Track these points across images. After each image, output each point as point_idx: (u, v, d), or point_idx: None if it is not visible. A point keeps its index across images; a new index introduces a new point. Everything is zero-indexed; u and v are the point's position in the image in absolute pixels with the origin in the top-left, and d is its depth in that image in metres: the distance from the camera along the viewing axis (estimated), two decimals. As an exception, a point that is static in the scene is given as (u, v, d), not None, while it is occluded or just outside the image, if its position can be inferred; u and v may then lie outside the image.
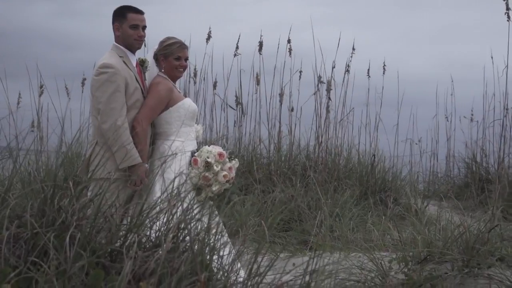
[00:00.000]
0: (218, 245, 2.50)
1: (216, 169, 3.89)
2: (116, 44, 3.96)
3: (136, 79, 3.91)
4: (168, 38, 4.10)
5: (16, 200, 2.52)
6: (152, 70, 4.09)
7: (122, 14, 3.94)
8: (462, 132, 8.41)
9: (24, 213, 2.42)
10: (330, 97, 7.76)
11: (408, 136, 8.37)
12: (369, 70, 8.11)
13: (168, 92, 3.99)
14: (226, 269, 2.45)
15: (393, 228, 5.06)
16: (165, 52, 4.05)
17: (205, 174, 3.87)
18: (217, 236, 2.52)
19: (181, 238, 2.49)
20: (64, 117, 7.40)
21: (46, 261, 2.26)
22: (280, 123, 7.79)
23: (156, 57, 4.09)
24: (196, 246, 2.40)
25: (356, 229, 5.81)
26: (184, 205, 2.60)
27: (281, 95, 7.80)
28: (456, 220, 4.90)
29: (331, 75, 7.77)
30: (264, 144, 7.74)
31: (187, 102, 4.08)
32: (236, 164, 4.03)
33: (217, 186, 3.90)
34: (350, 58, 7.92)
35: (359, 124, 8.05)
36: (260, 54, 7.82)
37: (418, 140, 8.51)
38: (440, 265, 3.87)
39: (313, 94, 7.77)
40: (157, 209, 2.61)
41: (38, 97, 7.60)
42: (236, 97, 7.91)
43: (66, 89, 7.80)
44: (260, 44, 7.80)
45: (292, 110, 7.86)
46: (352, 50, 7.91)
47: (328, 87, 7.74)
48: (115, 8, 3.99)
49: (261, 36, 7.79)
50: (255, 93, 7.89)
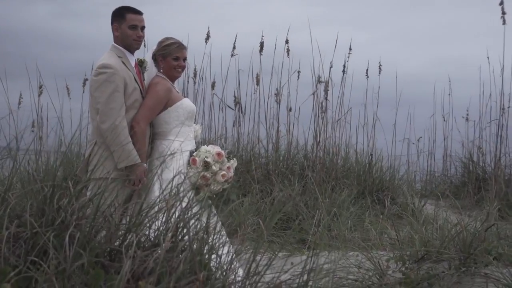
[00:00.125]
0: (217, 245, 2.51)
1: (215, 169, 3.90)
2: (115, 45, 3.97)
3: (135, 79, 3.92)
4: (167, 39, 4.11)
5: (16, 200, 2.53)
6: (151, 70, 4.10)
7: (121, 15, 3.95)
8: (458, 132, 8.44)
9: (24, 213, 2.43)
10: (328, 97, 7.78)
11: (406, 136, 8.40)
12: (367, 71, 8.13)
13: (167, 92, 4.00)
14: (225, 268, 2.46)
15: (391, 227, 5.07)
16: (164, 53, 4.06)
17: (204, 174, 3.88)
18: (216, 236, 2.53)
19: (180, 238, 2.50)
20: (61, 117, 7.41)
21: (46, 261, 2.27)
22: (278, 123, 7.80)
23: (155, 58, 4.10)
24: (195, 246, 2.41)
25: (354, 228, 5.82)
26: (183, 205, 2.61)
27: (277, 95, 7.81)
28: (453, 219, 4.92)
29: (329, 75, 7.79)
30: (263, 144, 7.75)
31: (186, 102, 4.10)
32: (235, 164, 4.04)
33: (216, 186, 3.91)
34: (347, 59, 7.94)
35: (357, 124, 8.07)
36: (261, 55, 7.83)
37: (417, 140, 8.53)
38: (437, 264, 3.89)
39: (312, 94, 7.78)
40: (156, 209, 2.62)
41: (38, 97, 7.60)
42: (235, 97, 7.92)
43: (67, 89, 7.79)
44: (261, 45, 7.80)
45: (290, 110, 7.87)
46: (349, 51, 7.93)
47: (326, 88, 7.75)
48: (114, 9, 3.99)
49: (262, 37, 7.80)
50: (254, 93, 7.91)
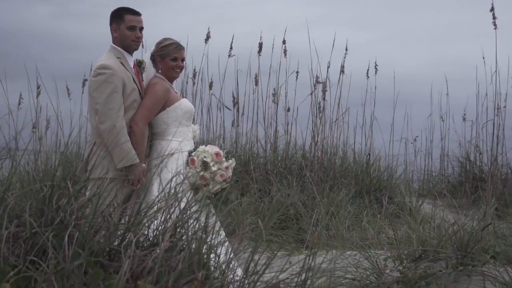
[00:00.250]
0: (216, 244, 2.52)
1: (214, 169, 3.91)
2: (114, 45, 3.98)
3: (134, 80, 3.93)
4: (165, 39, 4.12)
5: (15, 200, 2.53)
6: (149, 71, 4.11)
7: (120, 16, 3.96)
8: (455, 132, 8.46)
9: (23, 213, 2.43)
10: (325, 98, 7.79)
11: (403, 136, 8.42)
12: (368, 71, 8.14)
13: (165, 93, 4.01)
14: (223, 268, 2.47)
15: (388, 227, 5.09)
16: (162, 53, 4.07)
17: (203, 174, 3.89)
18: (215, 235, 2.54)
19: (179, 237, 2.51)
20: (61, 116, 7.42)
21: (45, 260, 2.28)
22: (277, 123, 7.81)
23: (153, 58, 4.11)
24: (194, 245, 2.42)
25: (352, 228, 5.83)
26: (182, 205, 2.62)
27: (275, 95, 7.83)
28: (450, 218, 4.92)
29: (327, 76, 7.80)
30: (261, 144, 7.76)
31: (184, 103, 4.11)
32: (233, 164, 4.05)
33: (214, 186, 3.92)
34: (344, 59, 7.96)
35: (355, 124, 8.09)
36: (260, 55, 7.85)
37: (414, 139, 8.55)
38: (435, 263, 3.90)
39: (310, 95, 7.80)
40: (155, 208, 2.63)
41: (36, 98, 7.61)
42: (234, 98, 7.93)
43: (68, 90, 7.80)
44: (260, 45, 7.82)
45: (289, 110, 7.89)
46: (345, 51, 7.94)
47: (324, 88, 7.77)
48: (113, 10, 4.01)
49: (261, 38, 7.82)
50: (253, 94, 7.92)
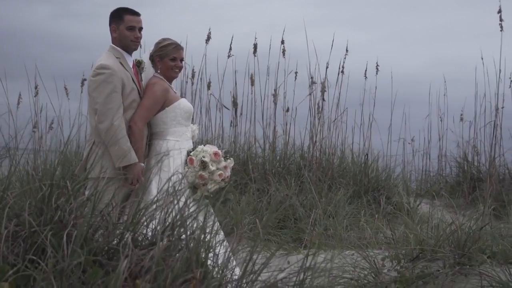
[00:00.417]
0: (214, 243, 2.53)
1: (212, 168, 3.92)
2: (113, 45, 3.99)
3: (133, 80, 3.95)
4: (164, 40, 4.13)
5: (14, 199, 2.54)
6: (148, 71, 4.12)
7: (119, 16, 3.96)
8: (452, 132, 8.47)
9: (22, 212, 2.44)
10: (324, 98, 7.80)
11: (401, 136, 8.43)
12: (366, 71, 8.16)
13: (164, 93, 4.02)
14: (221, 267, 2.48)
15: (386, 226, 5.10)
16: (161, 53, 4.09)
17: (201, 173, 3.91)
18: (213, 234, 2.55)
19: (177, 236, 2.52)
20: (60, 116, 7.43)
21: (44, 259, 2.29)
22: (275, 123, 7.83)
23: (152, 58, 4.12)
24: (192, 244, 2.43)
25: (350, 228, 5.84)
26: (180, 204, 2.63)
27: (274, 96, 7.84)
28: (448, 218, 4.93)
29: (325, 76, 7.81)
30: (259, 144, 7.77)
31: (183, 103, 4.12)
32: (232, 163, 4.07)
33: (213, 185, 3.94)
34: (343, 59, 7.97)
35: (353, 124, 8.10)
36: (255, 56, 7.85)
37: (411, 140, 8.57)
38: (432, 263, 3.91)
39: (309, 95, 7.81)
40: (154, 207, 2.64)
41: (34, 97, 7.62)
42: (233, 98, 7.94)
43: (66, 90, 7.81)
44: (255, 46, 7.83)
45: (287, 110, 7.90)
46: (346, 52, 7.95)
47: (322, 88, 7.78)
48: (112, 10, 4.02)
49: (256, 38, 7.83)
50: (251, 94, 7.93)
